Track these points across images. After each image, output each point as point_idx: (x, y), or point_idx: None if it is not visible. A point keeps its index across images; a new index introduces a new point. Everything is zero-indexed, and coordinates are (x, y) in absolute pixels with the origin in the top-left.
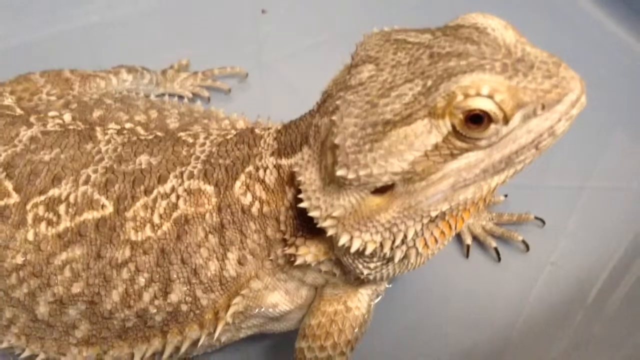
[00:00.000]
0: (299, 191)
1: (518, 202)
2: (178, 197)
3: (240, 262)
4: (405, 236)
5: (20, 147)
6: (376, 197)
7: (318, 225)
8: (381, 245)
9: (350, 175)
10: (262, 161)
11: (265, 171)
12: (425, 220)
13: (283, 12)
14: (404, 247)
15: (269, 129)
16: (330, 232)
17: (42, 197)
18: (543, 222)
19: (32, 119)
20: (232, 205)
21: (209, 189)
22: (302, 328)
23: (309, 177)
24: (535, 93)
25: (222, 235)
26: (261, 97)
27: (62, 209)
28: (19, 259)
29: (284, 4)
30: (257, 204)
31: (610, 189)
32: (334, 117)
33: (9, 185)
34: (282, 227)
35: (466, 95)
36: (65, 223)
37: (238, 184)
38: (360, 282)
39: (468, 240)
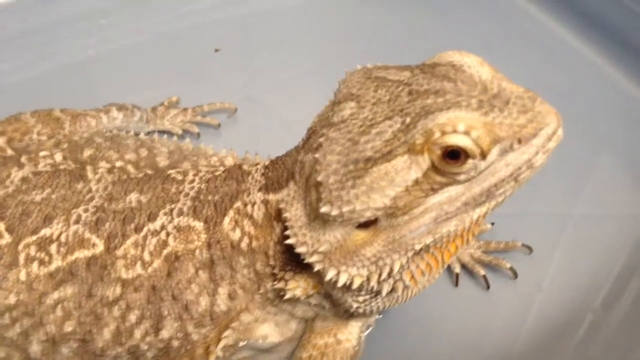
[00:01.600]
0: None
1: (505, 229)
2: (168, 234)
3: (230, 297)
4: (391, 269)
5: (11, 188)
6: (361, 231)
7: (305, 261)
8: (368, 279)
9: (334, 212)
10: (250, 197)
11: (253, 207)
12: (410, 254)
13: (270, 46)
14: (391, 280)
15: (257, 164)
16: (317, 267)
17: (34, 237)
18: (530, 249)
19: (23, 159)
20: (222, 240)
21: (199, 225)
22: None
23: (295, 214)
24: (512, 128)
25: (212, 270)
26: (250, 131)
27: (53, 248)
28: (12, 299)
29: (272, 40)
30: (246, 239)
31: (596, 215)
32: (317, 155)
33: (1, 226)
34: (271, 262)
35: (443, 132)
36: (56, 262)
37: (227, 219)
38: (350, 314)
39: (457, 268)
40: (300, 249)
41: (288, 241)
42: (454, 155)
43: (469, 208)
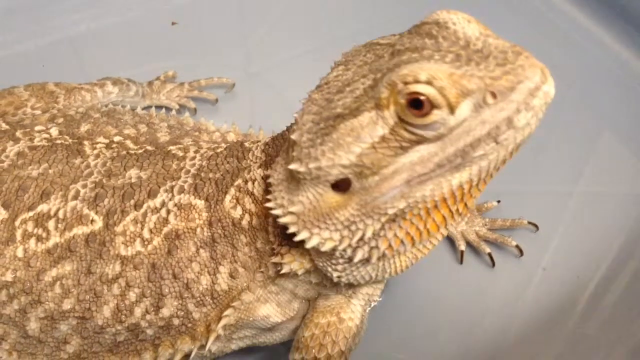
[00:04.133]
0: None
1: (511, 207)
2: (168, 211)
3: (232, 276)
4: (363, 234)
5: (7, 162)
6: (336, 194)
7: (279, 221)
8: (340, 242)
9: (302, 169)
10: (250, 174)
11: (254, 184)
12: (383, 219)
13: (270, 21)
14: (365, 247)
15: (258, 141)
16: (291, 229)
17: (31, 213)
18: (536, 227)
19: (19, 133)
20: (223, 219)
21: (200, 203)
22: (296, 340)
23: (277, 178)
24: (483, 80)
25: (213, 249)
26: (248, 107)
27: (51, 224)
28: (9, 276)
29: (271, 14)
30: (247, 216)
31: (600, 193)
32: (295, 114)
33: None
34: (272, 238)
35: (405, 83)
36: (54, 239)
37: (228, 197)
38: (352, 292)
39: (462, 246)
40: (276, 211)
41: (267, 204)
42: (418, 104)
43: (445, 171)
